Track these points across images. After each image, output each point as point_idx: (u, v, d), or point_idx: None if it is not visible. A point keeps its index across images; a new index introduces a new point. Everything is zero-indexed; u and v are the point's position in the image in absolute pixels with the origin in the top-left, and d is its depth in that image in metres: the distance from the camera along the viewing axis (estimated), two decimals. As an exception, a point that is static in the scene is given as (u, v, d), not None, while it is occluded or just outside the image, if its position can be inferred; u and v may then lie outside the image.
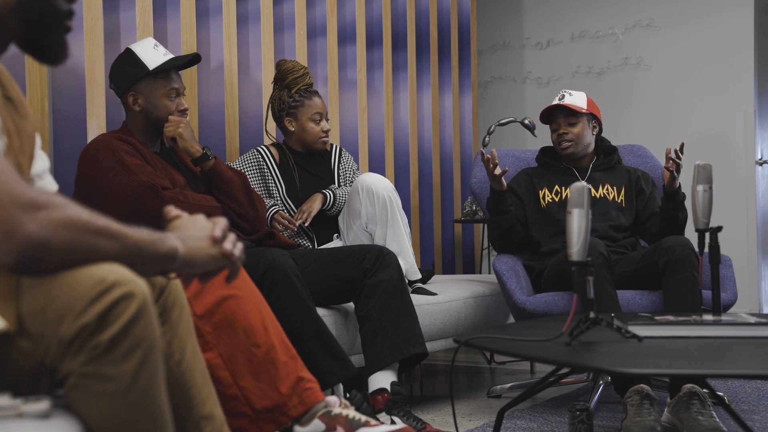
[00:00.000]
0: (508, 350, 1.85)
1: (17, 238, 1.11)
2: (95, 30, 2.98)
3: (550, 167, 3.52)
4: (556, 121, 3.46)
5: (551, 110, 3.46)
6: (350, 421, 2.15)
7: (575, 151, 3.44)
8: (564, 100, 3.44)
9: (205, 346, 2.08)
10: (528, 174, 3.53)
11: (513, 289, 3.23)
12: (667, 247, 2.99)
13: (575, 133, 3.42)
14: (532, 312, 3.16)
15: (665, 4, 5.20)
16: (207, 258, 1.36)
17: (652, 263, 3.05)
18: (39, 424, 1.12)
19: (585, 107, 3.43)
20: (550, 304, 3.15)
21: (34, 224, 1.12)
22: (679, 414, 2.61)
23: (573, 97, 3.46)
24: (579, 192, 1.90)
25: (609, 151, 3.55)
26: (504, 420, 2.31)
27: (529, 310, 3.17)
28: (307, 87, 3.34)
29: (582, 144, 3.45)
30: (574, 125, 3.43)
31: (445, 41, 4.83)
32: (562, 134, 3.44)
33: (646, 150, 3.83)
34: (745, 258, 4.88)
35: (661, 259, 3.00)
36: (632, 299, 3.09)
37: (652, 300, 3.09)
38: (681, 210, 3.28)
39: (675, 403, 2.64)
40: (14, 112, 1.39)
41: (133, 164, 2.62)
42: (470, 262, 4.90)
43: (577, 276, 1.88)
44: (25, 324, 1.16)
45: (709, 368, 1.73)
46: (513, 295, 3.21)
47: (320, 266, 2.83)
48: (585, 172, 3.49)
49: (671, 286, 2.94)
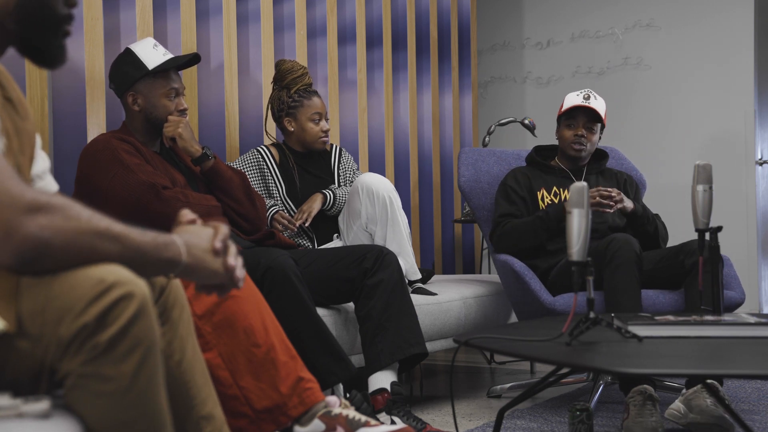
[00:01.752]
0: (508, 350, 1.85)
1: (17, 238, 1.11)
2: (95, 30, 2.98)
3: (545, 168, 3.51)
4: (577, 119, 3.42)
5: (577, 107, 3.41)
6: (350, 421, 2.15)
7: (584, 156, 3.45)
8: (590, 102, 3.40)
9: (205, 346, 2.08)
10: (524, 174, 3.51)
11: (538, 290, 3.18)
12: (694, 248, 3.01)
13: (592, 141, 3.43)
14: (562, 312, 3.10)
15: (665, 4, 5.20)
16: (209, 271, 1.36)
17: (678, 263, 3.07)
18: (39, 424, 1.12)
19: (603, 115, 3.43)
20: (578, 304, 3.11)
21: (33, 225, 1.12)
22: (690, 403, 2.66)
23: (598, 101, 3.42)
24: (579, 192, 1.90)
25: (600, 155, 3.56)
26: (504, 420, 2.31)
27: (559, 310, 3.12)
28: (307, 87, 3.34)
29: (591, 151, 3.47)
30: (593, 132, 3.42)
31: (445, 41, 4.83)
32: (579, 136, 3.41)
33: (619, 152, 3.88)
34: (745, 258, 4.88)
35: (688, 260, 3.02)
36: (655, 299, 3.10)
37: (674, 299, 3.11)
38: (646, 224, 3.34)
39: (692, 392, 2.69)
40: (14, 112, 1.39)
41: (133, 164, 2.62)
42: (470, 262, 4.90)
43: (577, 276, 1.88)
44: (24, 324, 1.16)
45: (709, 368, 1.73)
46: (539, 295, 3.16)
47: (320, 266, 2.83)
48: (580, 174, 3.50)
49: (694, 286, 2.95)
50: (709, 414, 2.61)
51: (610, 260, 2.94)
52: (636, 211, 3.32)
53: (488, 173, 3.74)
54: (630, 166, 3.82)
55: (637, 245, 2.97)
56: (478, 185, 3.70)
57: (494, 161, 3.79)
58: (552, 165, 3.50)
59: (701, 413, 2.62)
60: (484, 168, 3.75)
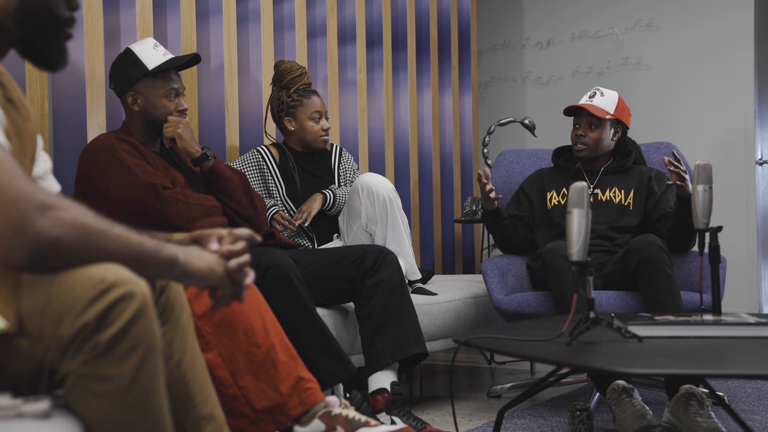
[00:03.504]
0: (508, 350, 1.85)
1: (29, 235, 1.12)
2: (95, 30, 2.98)
3: (563, 169, 3.49)
4: (578, 118, 3.40)
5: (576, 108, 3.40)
6: (350, 421, 2.15)
7: (587, 155, 3.40)
8: (594, 100, 3.37)
9: (205, 346, 2.08)
10: (541, 175, 3.52)
11: (492, 288, 3.27)
12: (636, 248, 2.99)
13: (593, 138, 3.37)
14: (505, 311, 3.21)
15: (665, 5, 5.20)
16: (206, 269, 1.37)
17: (624, 265, 3.06)
18: (39, 424, 1.12)
19: (612, 111, 3.35)
20: (522, 304, 3.18)
21: (46, 222, 1.13)
22: (678, 415, 2.61)
23: (604, 97, 3.38)
24: (579, 192, 1.90)
25: (625, 153, 3.48)
26: (504, 420, 2.31)
27: (503, 309, 3.21)
28: (306, 86, 3.34)
29: (597, 149, 3.39)
30: (593, 129, 3.37)
31: (445, 41, 4.83)
32: (579, 136, 3.40)
33: (675, 147, 3.65)
34: (745, 258, 4.88)
35: (632, 261, 3.00)
36: (606, 300, 3.08)
37: (627, 301, 3.08)
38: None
39: (674, 403, 2.64)
40: (15, 113, 1.39)
41: (133, 164, 2.62)
42: (470, 262, 4.90)
43: (577, 276, 1.88)
44: (24, 324, 1.16)
45: (709, 368, 1.73)
46: (492, 293, 3.26)
47: (320, 266, 2.83)
48: (596, 174, 3.44)
49: (647, 286, 2.95)
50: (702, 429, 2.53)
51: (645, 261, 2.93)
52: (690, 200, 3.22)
53: (521, 174, 3.72)
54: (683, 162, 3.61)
55: (663, 244, 2.95)
56: (506, 185, 3.70)
57: (532, 161, 3.76)
58: (571, 166, 3.47)
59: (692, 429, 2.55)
60: (518, 169, 3.74)
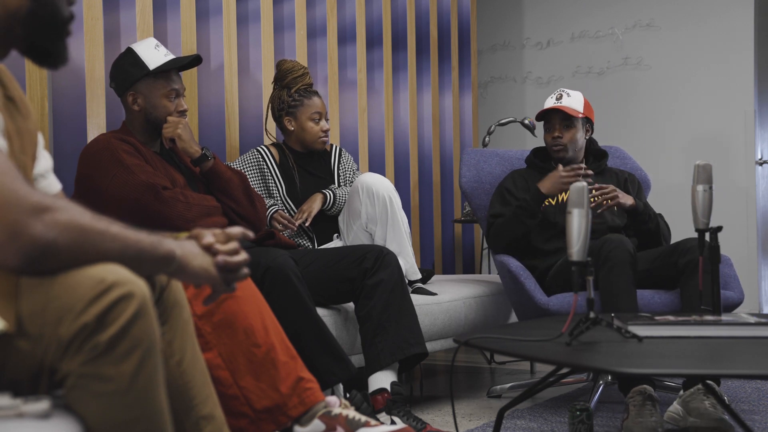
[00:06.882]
0: (508, 350, 1.85)
1: (23, 238, 1.12)
2: (95, 30, 2.98)
3: (542, 170, 3.50)
4: (551, 121, 3.45)
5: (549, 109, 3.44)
6: (350, 421, 2.15)
7: (566, 155, 3.43)
8: (561, 101, 3.42)
9: (205, 346, 2.08)
10: (522, 176, 3.52)
11: (532, 290, 3.18)
12: (688, 247, 3.00)
13: (568, 138, 3.41)
14: (555, 312, 3.11)
15: (665, 4, 5.20)
16: (200, 267, 1.37)
17: (671, 263, 3.06)
18: (39, 424, 1.12)
19: (581, 110, 3.42)
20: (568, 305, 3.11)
21: (40, 225, 1.13)
22: (689, 405, 2.64)
23: (571, 98, 3.43)
24: (579, 192, 1.90)
25: (599, 155, 3.55)
26: (504, 420, 2.31)
27: (553, 310, 3.12)
28: (307, 87, 3.34)
29: (574, 148, 3.44)
30: (568, 129, 3.42)
31: (445, 41, 4.83)
32: (556, 137, 3.43)
33: (623, 151, 3.86)
34: (745, 258, 4.88)
35: (682, 259, 3.01)
36: (651, 299, 3.09)
37: (670, 299, 3.09)
38: (648, 222, 3.32)
39: (689, 394, 2.67)
40: (16, 112, 1.39)
41: (133, 164, 2.62)
42: (470, 262, 4.90)
43: (577, 276, 1.88)
44: (24, 324, 1.16)
45: (709, 368, 1.73)
46: (534, 295, 3.16)
47: (320, 266, 2.83)
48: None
49: (689, 286, 2.94)
50: (708, 417, 2.59)
51: (604, 261, 2.92)
52: (637, 207, 3.30)
53: (490, 174, 3.74)
54: (634, 165, 3.81)
55: (630, 245, 2.95)
56: (479, 185, 3.70)
57: (496, 162, 3.79)
58: (549, 166, 3.49)
59: (700, 416, 2.61)
60: (486, 168, 3.75)
